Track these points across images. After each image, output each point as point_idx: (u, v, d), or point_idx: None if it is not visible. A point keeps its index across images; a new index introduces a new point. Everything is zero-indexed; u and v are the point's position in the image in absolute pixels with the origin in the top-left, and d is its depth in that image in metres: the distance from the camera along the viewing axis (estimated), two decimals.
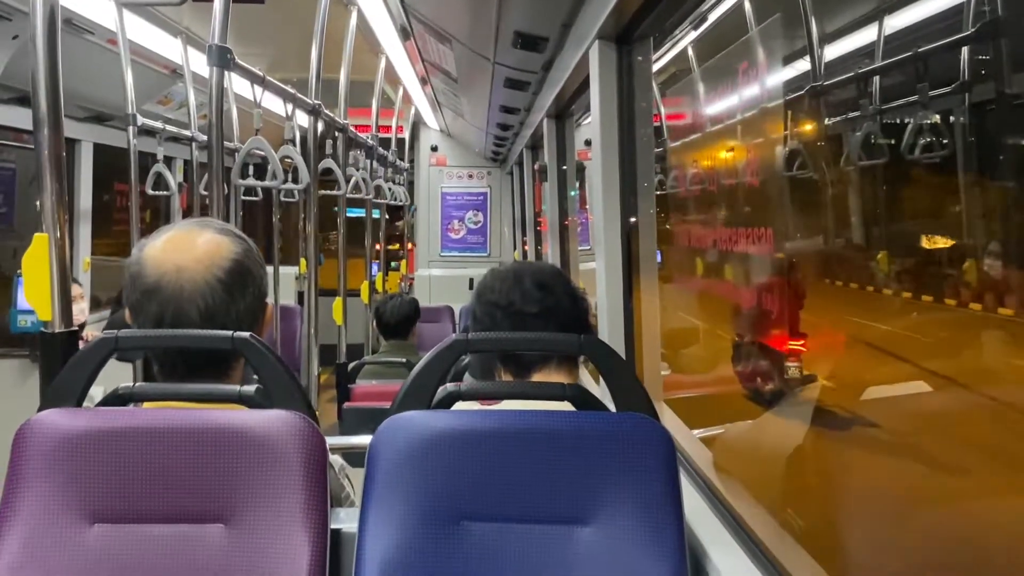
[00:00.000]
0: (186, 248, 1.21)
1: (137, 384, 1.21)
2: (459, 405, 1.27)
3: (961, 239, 1.45)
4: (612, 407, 1.26)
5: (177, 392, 1.22)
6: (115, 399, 1.21)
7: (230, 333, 1.17)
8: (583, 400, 1.23)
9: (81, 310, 3.90)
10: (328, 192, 3.96)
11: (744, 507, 1.35)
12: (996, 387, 1.22)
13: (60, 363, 1.31)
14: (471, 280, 6.77)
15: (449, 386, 1.25)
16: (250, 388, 1.19)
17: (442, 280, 7.00)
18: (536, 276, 1.51)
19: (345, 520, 1.24)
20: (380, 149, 5.17)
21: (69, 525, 1.12)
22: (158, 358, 1.24)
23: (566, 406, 1.24)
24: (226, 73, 2.18)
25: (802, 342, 1.53)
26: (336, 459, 1.43)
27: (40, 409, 1.17)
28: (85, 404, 1.22)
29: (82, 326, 3.94)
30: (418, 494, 1.14)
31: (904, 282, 1.63)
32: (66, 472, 1.13)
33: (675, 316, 2.33)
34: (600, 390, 1.53)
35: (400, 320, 3.96)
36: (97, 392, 1.27)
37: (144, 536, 1.13)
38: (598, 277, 2.08)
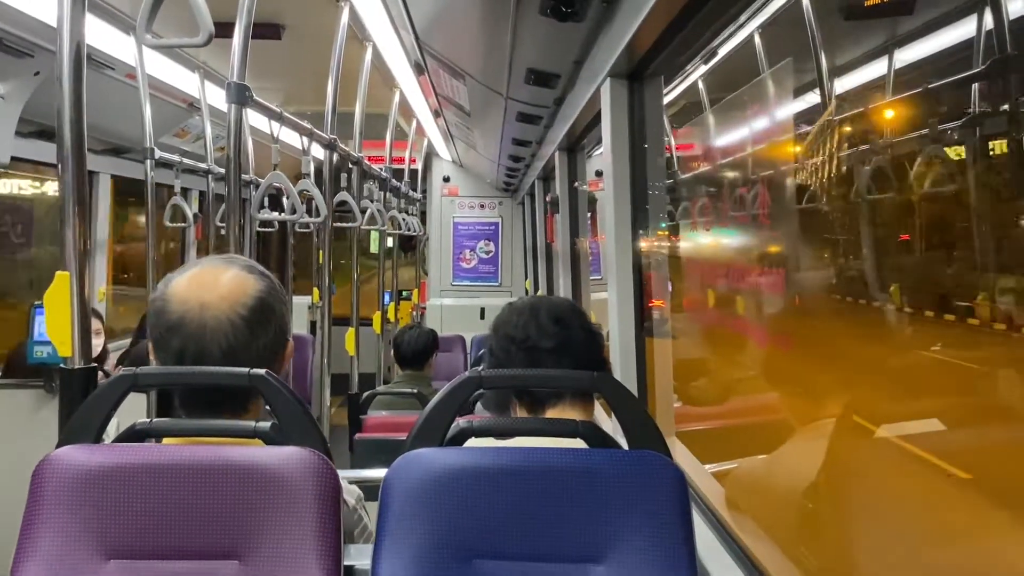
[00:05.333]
0: (210, 285, 1.22)
1: (154, 420, 1.22)
2: (476, 440, 1.28)
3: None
4: (625, 444, 1.27)
5: (193, 428, 1.23)
6: (132, 435, 1.22)
7: (247, 370, 1.18)
8: (595, 437, 1.23)
9: (96, 345, 3.94)
10: (344, 224, 4.00)
11: (757, 544, 1.35)
12: None
13: (80, 398, 1.32)
14: (482, 309, 6.79)
15: (461, 422, 1.25)
16: (265, 424, 1.20)
17: (454, 309, 7.02)
18: (552, 311, 1.52)
19: (358, 557, 1.25)
20: (393, 181, 5.22)
21: (86, 561, 1.13)
22: (179, 394, 1.25)
23: (579, 443, 1.25)
24: (243, 108, 2.22)
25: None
26: (354, 489, 1.43)
27: (59, 445, 1.19)
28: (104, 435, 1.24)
29: (103, 355, 3.98)
30: (431, 532, 1.14)
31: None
32: (84, 508, 1.14)
33: None
34: (614, 425, 1.54)
35: (416, 351, 3.98)
36: (114, 423, 1.28)
37: (160, 572, 1.13)
38: (610, 311, 2.09)
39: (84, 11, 1.51)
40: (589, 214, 3.88)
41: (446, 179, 7.33)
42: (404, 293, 7.42)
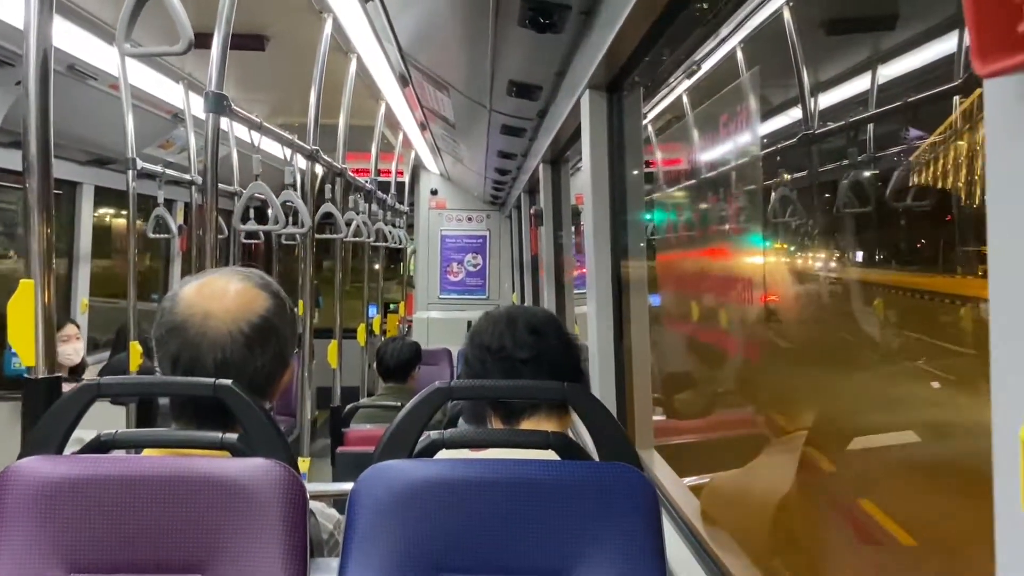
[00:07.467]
0: (219, 295, 1.21)
1: (119, 431, 1.20)
2: (448, 452, 1.26)
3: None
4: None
5: (158, 439, 1.21)
6: (97, 446, 1.20)
7: (212, 381, 1.17)
8: (567, 449, 1.22)
9: (76, 350, 3.92)
10: (328, 236, 4.00)
11: (729, 556, 1.33)
12: None
13: (43, 409, 1.30)
14: (469, 323, 6.75)
15: (432, 434, 1.24)
16: (232, 436, 1.18)
17: (441, 322, 7.01)
18: (529, 321, 1.51)
19: (325, 569, 1.23)
20: (379, 193, 5.21)
21: (47, 574, 1.11)
22: (170, 405, 1.23)
23: (551, 454, 1.23)
24: (225, 118, 2.21)
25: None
26: (332, 514, 1.41)
27: (20, 456, 1.17)
28: (73, 449, 1.22)
29: (82, 366, 3.95)
30: (398, 544, 1.12)
31: None
32: (44, 520, 1.12)
33: None
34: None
35: (400, 363, 3.96)
36: (89, 435, 1.26)
37: None
38: (589, 322, 2.08)
39: (51, 16, 1.49)
40: (573, 227, 3.88)
41: (433, 192, 7.34)
42: (391, 306, 7.41)
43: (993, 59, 0.41)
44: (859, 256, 1.83)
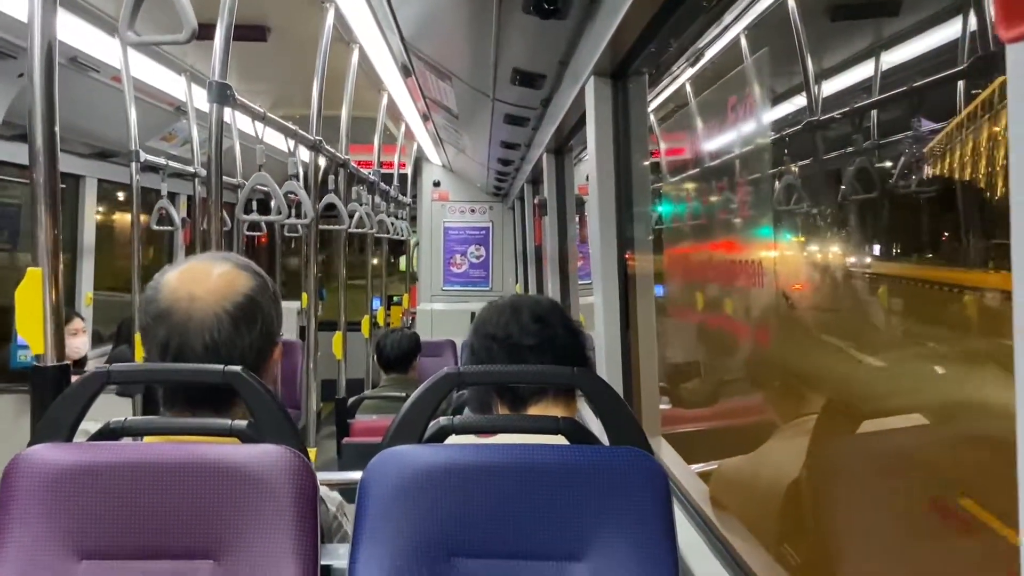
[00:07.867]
0: (201, 278, 1.22)
1: (128, 418, 1.20)
2: (457, 438, 1.26)
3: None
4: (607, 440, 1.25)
5: (168, 426, 1.21)
6: (107, 433, 1.20)
7: (221, 367, 1.17)
8: (576, 434, 1.22)
9: (84, 343, 3.93)
10: (331, 227, 3.99)
11: (740, 542, 1.33)
12: None
13: (52, 397, 1.30)
14: (473, 314, 6.74)
15: (441, 420, 1.24)
16: (241, 422, 1.18)
17: (444, 314, 7.00)
18: (534, 309, 1.51)
19: (336, 556, 1.23)
20: (382, 184, 5.20)
21: (57, 561, 1.11)
22: (161, 392, 1.24)
23: (560, 439, 1.23)
24: (229, 109, 2.21)
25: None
26: (335, 496, 1.41)
27: (30, 443, 1.17)
28: (80, 439, 1.22)
29: (84, 361, 3.95)
30: (409, 529, 1.12)
31: None
32: (55, 507, 1.12)
33: None
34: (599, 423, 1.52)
35: (400, 354, 3.96)
36: (95, 428, 1.26)
37: (133, 573, 1.11)
38: (595, 311, 2.08)
39: (55, 7, 1.49)
40: (577, 217, 3.88)
41: (436, 183, 7.33)
42: (395, 298, 7.40)
43: (1016, 24, 0.41)
44: (864, 244, 1.83)
